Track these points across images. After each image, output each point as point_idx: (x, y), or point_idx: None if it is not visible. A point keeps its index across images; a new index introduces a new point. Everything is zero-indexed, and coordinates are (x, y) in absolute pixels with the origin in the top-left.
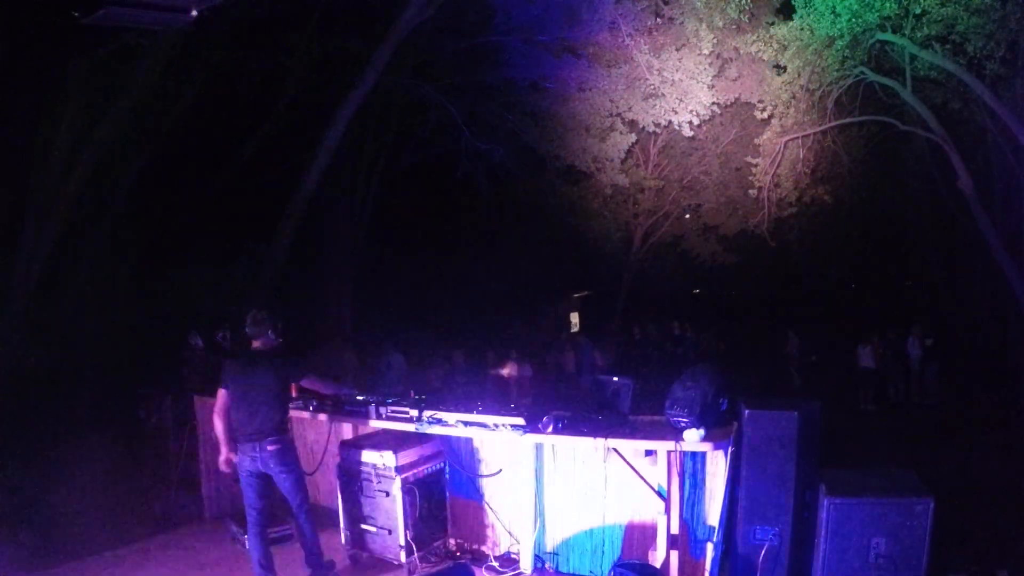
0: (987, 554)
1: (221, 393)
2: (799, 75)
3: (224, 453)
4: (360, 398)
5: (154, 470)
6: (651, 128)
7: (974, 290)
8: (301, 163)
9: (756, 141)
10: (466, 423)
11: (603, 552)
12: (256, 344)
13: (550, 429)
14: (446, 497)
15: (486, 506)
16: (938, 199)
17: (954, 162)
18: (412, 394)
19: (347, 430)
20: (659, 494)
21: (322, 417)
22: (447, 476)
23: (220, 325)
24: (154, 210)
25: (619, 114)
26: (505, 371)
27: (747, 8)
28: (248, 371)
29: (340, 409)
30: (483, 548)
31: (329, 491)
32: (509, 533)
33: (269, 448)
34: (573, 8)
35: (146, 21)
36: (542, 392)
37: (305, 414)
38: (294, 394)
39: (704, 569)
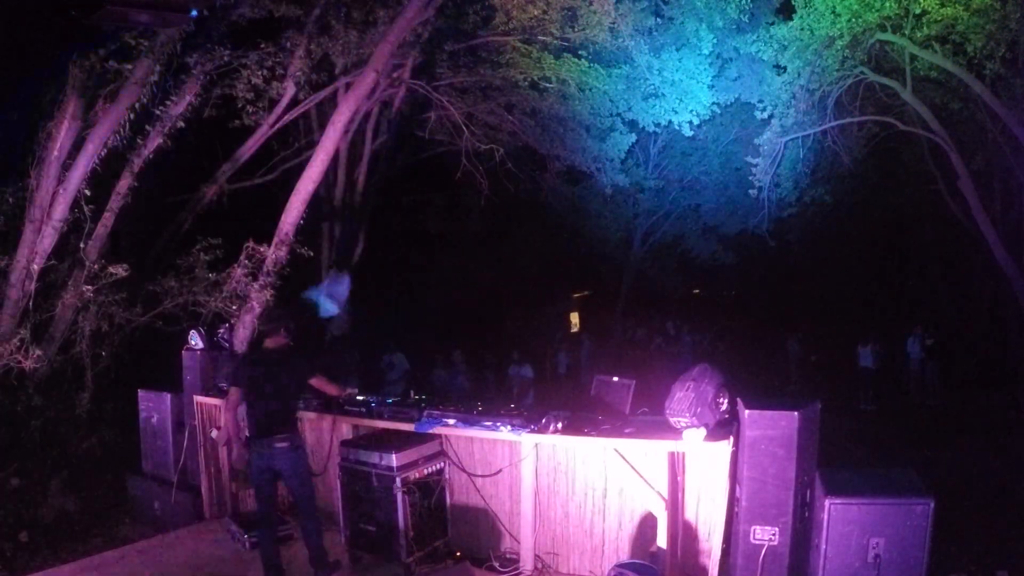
0: (987, 554)
1: (233, 391)
2: (799, 75)
3: (237, 449)
4: (360, 398)
5: (154, 470)
6: (651, 128)
7: (974, 290)
8: (301, 163)
9: (756, 141)
10: (466, 423)
11: (603, 552)
12: (268, 342)
13: (550, 429)
14: (446, 497)
15: (486, 506)
16: (938, 199)
17: (954, 162)
18: (412, 394)
19: (347, 430)
20: (659, 494)
21: (324, 417)
22: (447, 476)
23: (220, 324)
24: (154, 210)
25: (619, 114)
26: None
27: (747, 8)
28: (259, 370)
29: (341, 409)
30: (483, 548)
31: (329, 491)
32: (509, 533)
33: (278, 445)
34: (573, 8)
35: (146, 21)
36: (542, 392)
37: (307, 414)
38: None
39: (704, 570)
